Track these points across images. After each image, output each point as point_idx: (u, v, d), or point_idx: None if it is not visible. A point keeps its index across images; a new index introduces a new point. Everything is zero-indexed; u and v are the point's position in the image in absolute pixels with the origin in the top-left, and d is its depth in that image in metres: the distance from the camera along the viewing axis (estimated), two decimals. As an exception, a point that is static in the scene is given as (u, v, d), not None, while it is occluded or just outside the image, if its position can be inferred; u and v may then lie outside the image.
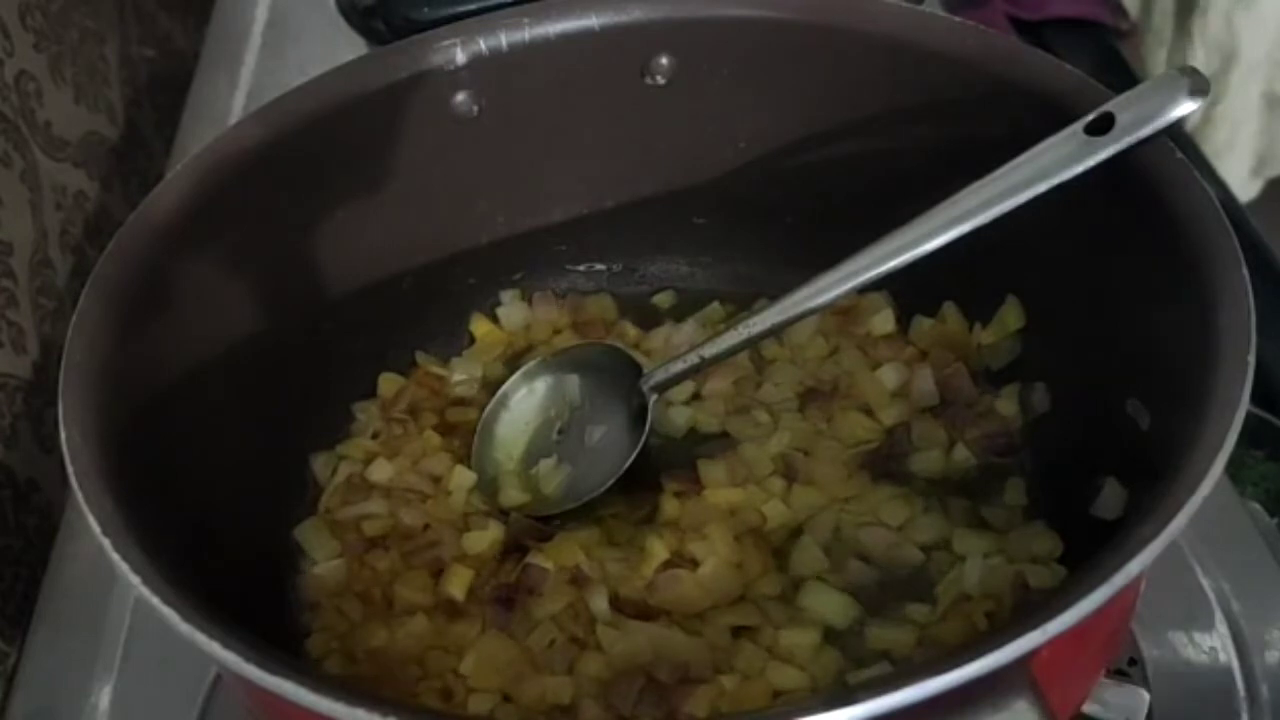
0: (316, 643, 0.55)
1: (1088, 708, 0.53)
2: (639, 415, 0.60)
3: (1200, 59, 1.39)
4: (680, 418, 0.63)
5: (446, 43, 0.61)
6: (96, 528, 0.41)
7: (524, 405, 0.63)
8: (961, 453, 0.59)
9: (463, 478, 0.61)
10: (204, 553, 0.45)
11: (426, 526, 0.59)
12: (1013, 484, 0.58)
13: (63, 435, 0.44)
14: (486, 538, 0.58)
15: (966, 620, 0.52)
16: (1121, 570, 0.37)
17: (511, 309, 0.68)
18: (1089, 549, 0.39)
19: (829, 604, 0.54)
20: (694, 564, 0.55)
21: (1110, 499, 0.51)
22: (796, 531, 0.57)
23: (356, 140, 0.60)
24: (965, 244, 0.51)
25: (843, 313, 0.65)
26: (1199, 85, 0.49)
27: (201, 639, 0.38)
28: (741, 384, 0.63)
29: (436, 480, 0.61)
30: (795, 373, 0.63)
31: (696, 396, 0.63)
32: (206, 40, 1.04)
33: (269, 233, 0.58)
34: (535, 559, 0.56)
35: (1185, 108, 0.49)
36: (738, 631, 0.53)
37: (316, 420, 0.63)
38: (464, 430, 0.63)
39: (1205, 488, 0.39)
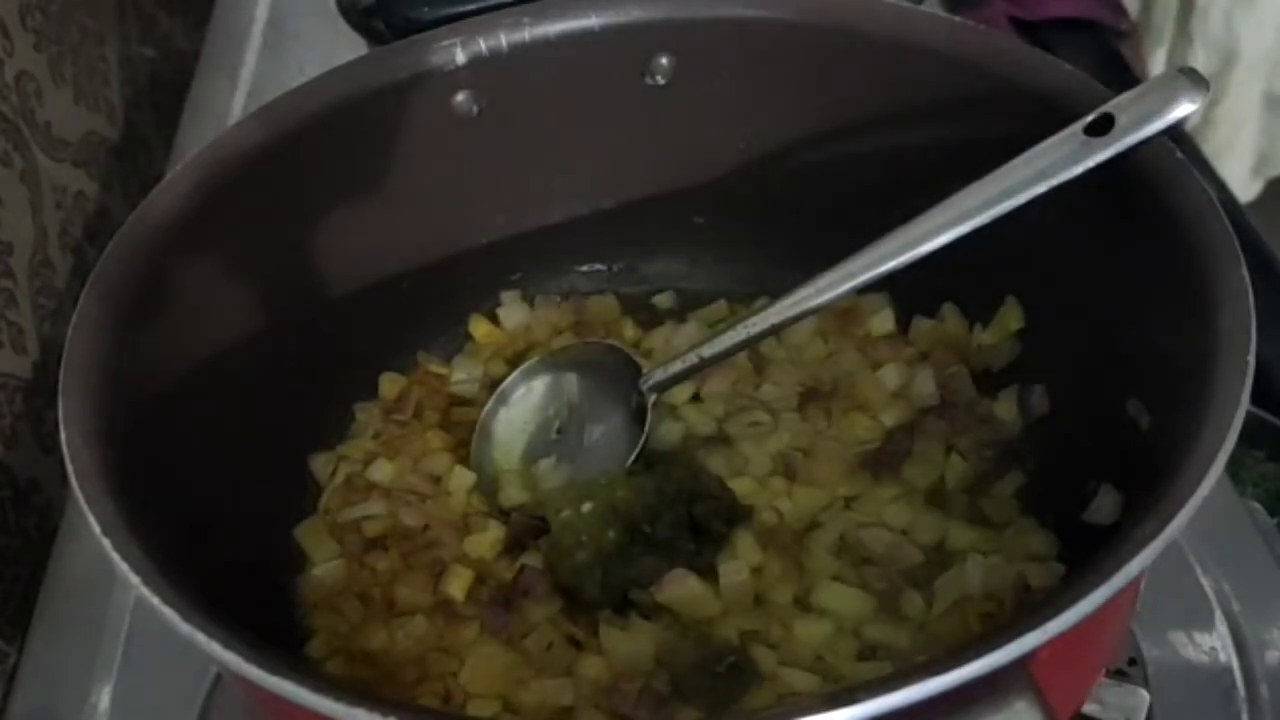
0: (317, 644, 0.55)
1: (1088, 708, 0.53)
2: (638, 415, 0.60)
3: (1200, 59, 1.39)
4: (679, 418, 0.62)
5: (446, 43, 0.61)
6: (96, 528, 0.41)
7: (523, 404, 0.63)
8: (960, 458, 0.59)
9: (463, 478, 0.60)
10: (204, 553, 0.45)
11: (426, 527, 0.59)
12: (1011, 478, 0.58)
13: (63, 435, 0.44)
14: (487, 539, 0.58)
15: (964, 619, 0.52)
16: (1122, 570, 0.37)
17: (512, 309, 0.68)
18: (1085, 553, 0.39)
19: (845, 601, 0.54)
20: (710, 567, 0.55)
21: (1105, 504, 0.51)
22: (800, 532, 0.57)
23: (356, 140, 0.60)
24: (965, 244, 0.51)
25: (843, 313, 0.65)
26: (1199, 86, 0.49)
27: (201, 639, 0.38)
28: (741, 384, 0.63)
29: (436, 480, 0.61)
30: (795, 373, 0.63)
31: (696, 397, 0.63)
32: (206, 40, 1.04)
33: (269, 233, 0.58)
34: (532, 559, 0.56)
35: (1185, 108, 0.49)
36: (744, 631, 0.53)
37: (316, 420, 0.63)
38: (465, 430, 0.63)
39: (1205, 488, 0.39)
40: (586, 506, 0.56)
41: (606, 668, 0.52)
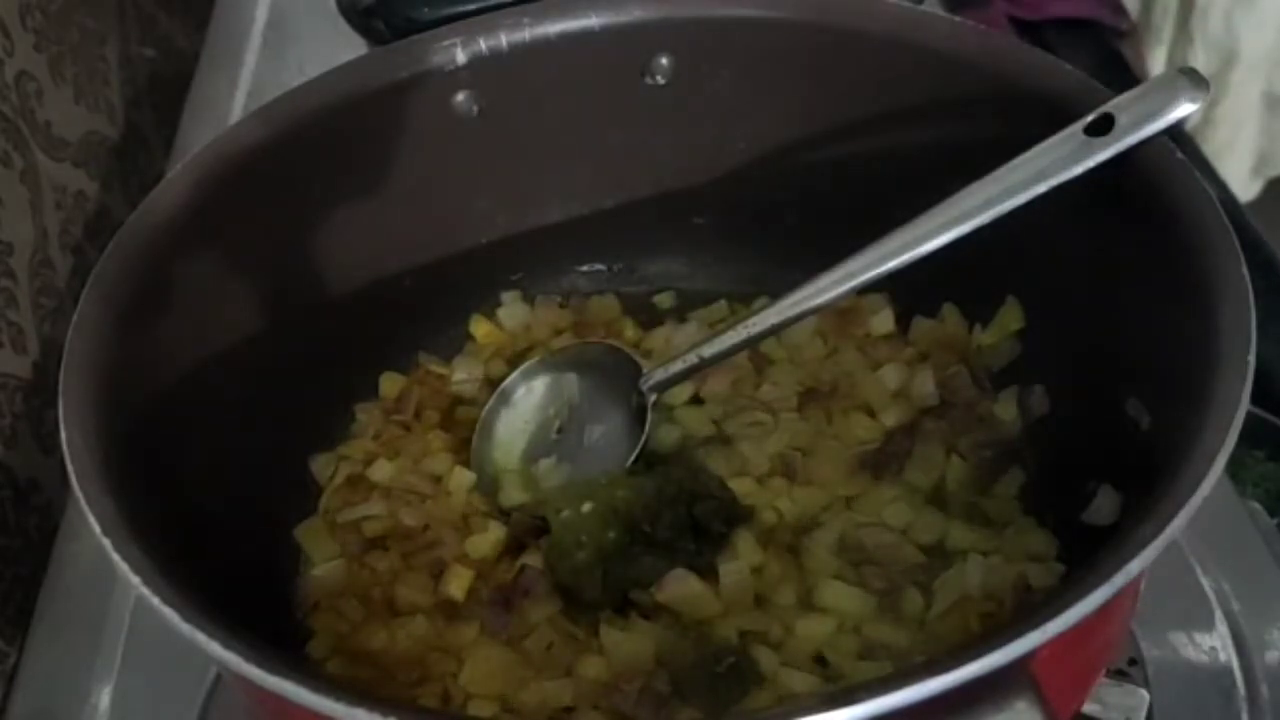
0: (317, 644, 0.55)
1: (1088, 708, 0.53)
2: (639, 415, 0.60)
3: (1200, 59, 1.39)
4: (679, 418, 0.62)
5: (446, 43, 0.61)
6: (96, 528, 0.41)
7: (523, 404, 0.63)
8: (960, 458, 0.59)
9: (463, 478, 0.60)
10: (204, 553, 0.45)
11: (426, 527, 0.59)
12: (1012, 478, 0.58)
13: (63, 435, 0.44)
14: (488, 540, 0.58)
15: (964, 619, 0.52)
16: (1122, 570, 0.37)
17: (512, 309, 0.68)
18: (1085, 553, 0.39)
19: (846, 599, 0.54)
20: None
21: (1105, 505, 0.51)
22: (800, 532, 0.57)
23: (357, 140, 0.60)
24: (965, 244, 0.51)
25: (843, 313, 0.65)
26: (1199, 86, 0.49)
27: (201, 639, 0.38)
28: (740, 384, 0.63)
29: (437, 480, 0.61)
30: (795, 373, 0.63)
31: (696, 398, 0.63)
32: (206, 40, 1.04)
33: (269, 232, 0.58)
34: (532, 559, 0.56)
35: (1185, 109, 0.49)
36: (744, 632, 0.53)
37: (317, 420, 0.63)
38: (466, 429, 0.63)
39: (1205, 488, 0.39)
40: (587, 506, 0.56)
41: (606, 668, 0.52)
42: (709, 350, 0.58)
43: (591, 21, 0.62)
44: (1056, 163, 0.50)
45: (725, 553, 0.55)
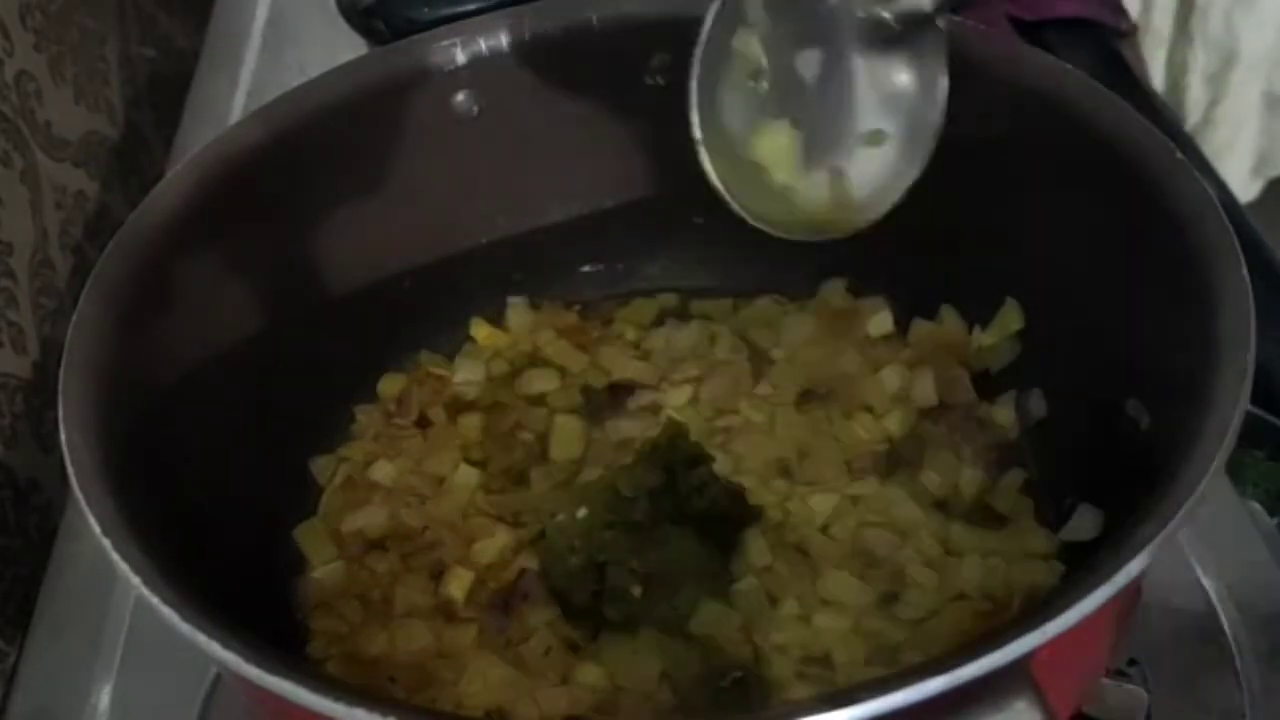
0: (317, 646, 0.55)
1: (1088, 708, 0.53)
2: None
3: (1200, 59, 1.39)
4: (679, 419, 0.62)
5: (446, 43, 0.61)
6: (96, 528, 0.41)
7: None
8: (967, 470, 0.59)
9: (466, 477, 0.60)
10: (204, 553, 0.45)
11: (426, 528, 0.59)
12: (1013, 476, 0.58)
13: (63, 435, 0.44)
14: (494, 545, 0.57)
15: (964, 619, 0.52)
16: (1122, 570, 0.37)
17: (514, 311, 0.68)
18: (1084, 553, 0.39)
19: (853, 596, 0.54)
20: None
21: (1084, 523, 0.51)
22: (804, 534, 0.57)
23: (357, 140, 0.60)
24: (965, 245, 0.51)
25: (842, 314, 0.65)
26: None
27: (201, 639, 0.38)
28: (741, 385, 0.63)
29: (438, 481, 0.61)
30: (794, 373, 0.63)
31: (695, 399, 0.63)
32: (206, 40, 1.04)
33: (269, 233, 0.58)
34: (530, 562, 0.56)
35: None
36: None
37: (317, 421, 0.63)
38: (467, 429, 0.63)
39: (1205, 488, 0.39)
40: (581, 511, 0.56)
41: (605, 675, 0.52)
42: None
43: (591, 21, 0.62)
44: None
45: (733, 554, 0.55)
